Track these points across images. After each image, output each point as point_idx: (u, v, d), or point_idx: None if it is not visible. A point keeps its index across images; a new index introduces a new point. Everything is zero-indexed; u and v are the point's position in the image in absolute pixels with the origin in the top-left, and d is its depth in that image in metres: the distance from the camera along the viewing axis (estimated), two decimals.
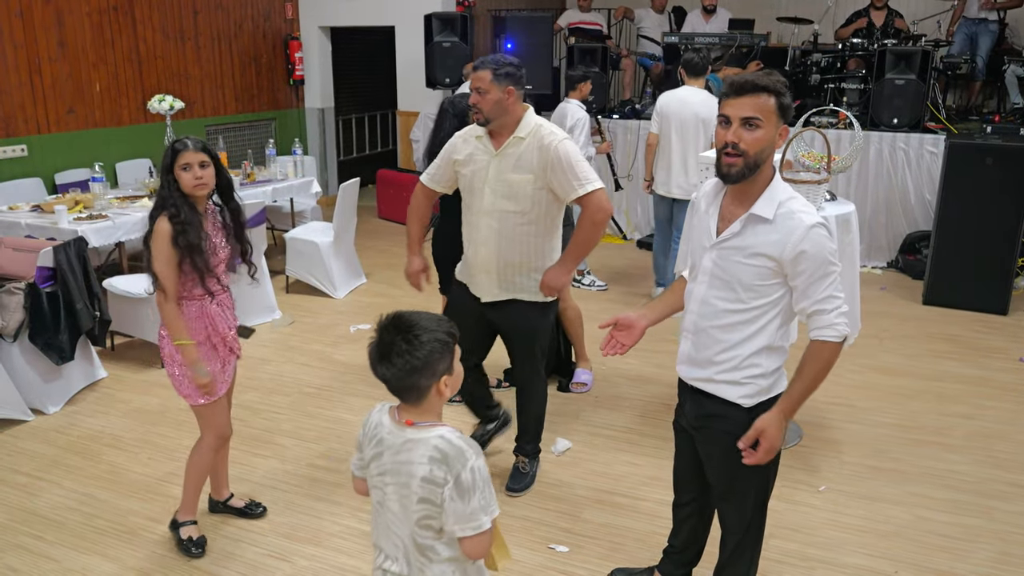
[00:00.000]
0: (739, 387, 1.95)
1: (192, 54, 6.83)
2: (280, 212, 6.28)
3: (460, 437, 1.53)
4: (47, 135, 5.65)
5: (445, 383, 1.52)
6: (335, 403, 3.83)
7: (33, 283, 3.58)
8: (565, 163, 2.65)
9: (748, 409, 1.96)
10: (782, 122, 1.83)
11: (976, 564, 2.65)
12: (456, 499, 1.48)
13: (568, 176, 2.66)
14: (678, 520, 2.36)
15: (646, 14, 8.07)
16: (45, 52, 5.58)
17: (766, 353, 1.94)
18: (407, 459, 1.52)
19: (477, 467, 1.49)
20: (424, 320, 1.51)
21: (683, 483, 2.29)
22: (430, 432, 1.51)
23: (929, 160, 5.95)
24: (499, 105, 2.65)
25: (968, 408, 3.82)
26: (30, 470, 3.23)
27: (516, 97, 2.67)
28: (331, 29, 8.12)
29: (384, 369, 1.49)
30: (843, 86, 6.64)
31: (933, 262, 5.30)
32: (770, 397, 1.97)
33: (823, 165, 3.28)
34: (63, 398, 3.81)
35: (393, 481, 1.54)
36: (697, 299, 1.98)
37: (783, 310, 1.92)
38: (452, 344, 1.53)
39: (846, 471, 3.24)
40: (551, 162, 2.66)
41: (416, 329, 1.49)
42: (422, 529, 1.53)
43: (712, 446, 2.07)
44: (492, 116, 2.66)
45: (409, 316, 1.52)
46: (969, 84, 7.64)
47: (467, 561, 1.58)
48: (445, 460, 1.48)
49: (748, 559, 2.16)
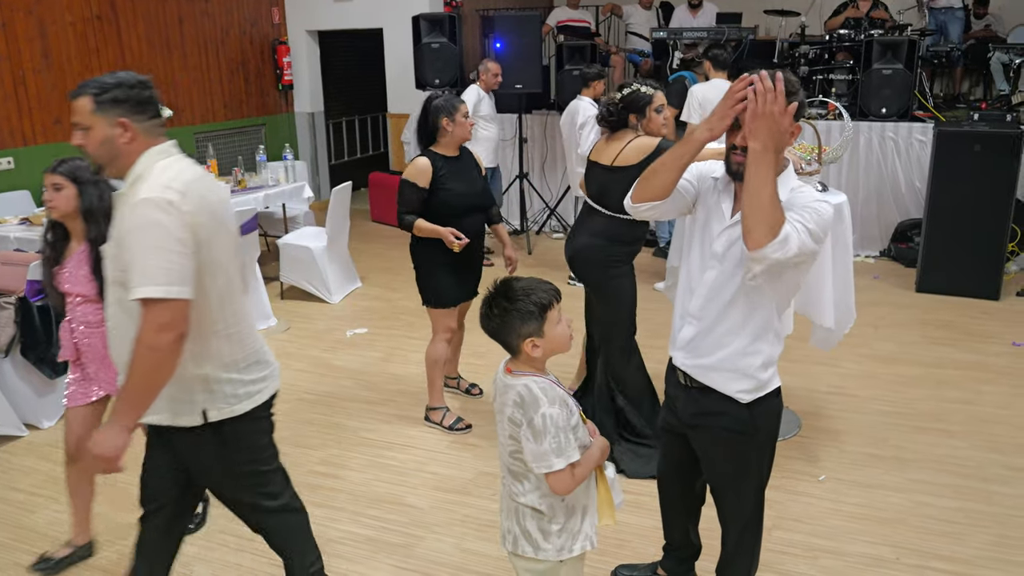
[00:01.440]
0: (739, 379, 1.94)
1: (179, 62, 6.79)
2: (272, 218, 6.26)
3: (542, 388, 1.74)
4: (34, 147, 5.61)
5: (534, 343, 1.74)
6: (334, 409, 3.82)
7: (24, 297, 3.55)
8: (133, 238, 1.70)
9: (747, 405, 1.95)
10: (793, 121, 1.79)
11: (976, 548, 2.66)
12: (531, 439, 1.72)
13: (131, 259, 1.70)
14: (668, 519, 2.37)
15: (634, 10, 8.08)
16: (29, 63, 5.54)
17: (771, 339, 1.93)
18: (502, 400, 1.80)
19: (549, 415, 1.71)
20: (520, 288, 1.75)
21: (671, 483, 2.29)
22: (519, 380, 1.76)
23: (918, 148, 5.97)
24: (108, 145, 1.80)
25: (965, 393, 3.84)
26: (26, 486, 3.20)
27: (137, 132, 1.82)
28: (319, 33, 8.09)
29: (483, 325, 1.80)
30: (831, 77, 6.66)
31: (925, 249, 5.32)
32: (766, 393, 1.96)
33: (814, 156, 3.29)
34: (57, 412, 3.78)
35: (498, 418, 1.84)
36: (707, 283, 1.96)
37: (785, 294, 1.94)
38: (539, 312, 1.73)
39: (846, 460, 3.25)
40: (122, 233, 1.75)
41: (510, 294, 1.74)
42: (513, 460, 1.81)
43: (711, 445, 2.06)
44: (102, 161, 1.83)
45: (510, 283, 1.77)
46: (953, 72, 7.70)
47: (554, 496, 1.80)
48: (522, 404, 1.73)
49: (750, 552, 2.16)
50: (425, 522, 2.89)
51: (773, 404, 1.99)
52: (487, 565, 2.63)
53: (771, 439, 2.04)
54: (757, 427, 1.97)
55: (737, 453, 1.99)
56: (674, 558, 2.41)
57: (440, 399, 3.60)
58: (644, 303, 3.07)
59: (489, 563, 2.64)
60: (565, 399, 1.79)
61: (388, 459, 3.35)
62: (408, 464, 3.31)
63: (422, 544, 2.76)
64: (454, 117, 3.30)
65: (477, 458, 3.34)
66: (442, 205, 3.32)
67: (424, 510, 2.97)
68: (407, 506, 3.00)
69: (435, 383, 3.57)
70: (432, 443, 3.48)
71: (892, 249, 6.14)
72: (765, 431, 2.00)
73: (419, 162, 3.33)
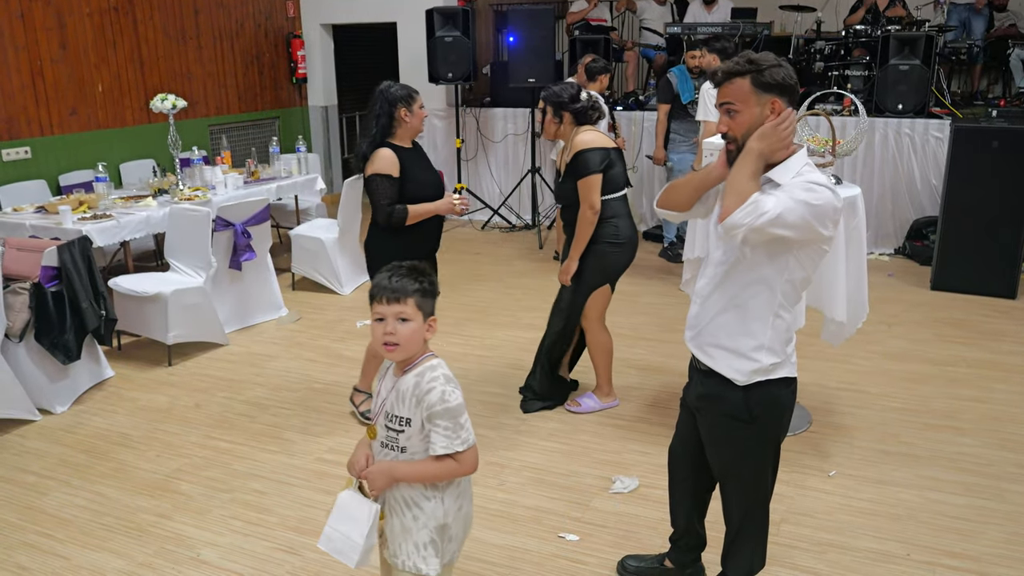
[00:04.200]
0: (734, 358, 1.94)
1: (194, 54, 6.83)
2: (285, 210, 6.29)
3: None
4: (50, 137, 5.66)
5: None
6: (343, 398, 3.83)
7: (38, 283, 3.58)
8: None
9: (744, 388, 1.95)
10: (769, 95, 1.84)
11: (987, 545, 2.63)
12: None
13: None
14: (674, 500, 2.37)
15: (648, 5, 8.04)
16: (47, 54, 5.59)
17: (771, 323, 1.91)
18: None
19: None
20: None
21: (678, 459, 2.30)
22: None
23: (935, 145, 5.91)
24: None
25: (978, 391, 3.79)
26: (38, 469, 3.24)
27: None
28: (333, 26, 8.11)
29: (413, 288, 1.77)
30: (847, 73, 6.60)
31: (940, 247, 5.26)
32: (769, 379, 1.94)
33: (828, 149, 3.26)
34: (70, 398, 3.82)
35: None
36: (712, 262, 2.01)
37: (791, 281, 1.90)
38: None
39: (856, 456, 3.22)
40: None
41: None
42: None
43: (711, 428, 2.07)
44: None
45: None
46: (971, 69, 7.62)
47: None
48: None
49: (752, 545, 2.15)
50: None
51: (776, 394, 1.96)
52: (493, 554, 2.63)
53: (774, 430, 2.01)
54: (754, 415, 1.95)
55: (735, 439, 1.99)
56: (680, 548, 2.40)
57: (368, 385, 3.57)
58: (655, 297, 3.08)
59: (495, 552, 2.64)
60: None
61: None
62: None
63: None
64: (412, 108, 3.19)
65: (483, 447, 3.33)
66: (408, 196, 3.20)
67: None
68: None
69: (368, 371, 3.57)
70: None
71: (907, 247, 6.08)
72: (765, 421, 1.97)
73: (384, 153, 3.15)
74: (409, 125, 3.22)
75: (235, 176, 5.37)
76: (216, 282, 4.52)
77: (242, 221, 4.55)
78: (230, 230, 4.51)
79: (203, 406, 3.80)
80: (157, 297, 4.15)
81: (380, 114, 3.18)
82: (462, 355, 4.34)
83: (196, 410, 3.77)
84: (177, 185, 5.12)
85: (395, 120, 3.19)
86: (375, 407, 1.84)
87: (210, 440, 3.47)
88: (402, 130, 3.22)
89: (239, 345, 4.54)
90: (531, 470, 3.16)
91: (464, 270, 5.97)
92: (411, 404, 1.74)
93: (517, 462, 3.22)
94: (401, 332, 1.71)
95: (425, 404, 1.71)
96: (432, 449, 1.73)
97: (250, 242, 4.60)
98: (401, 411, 1.76)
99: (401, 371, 1.78)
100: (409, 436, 1.76)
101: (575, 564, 2.57)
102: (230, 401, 3.83)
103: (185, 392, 3.96)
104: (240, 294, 4.75)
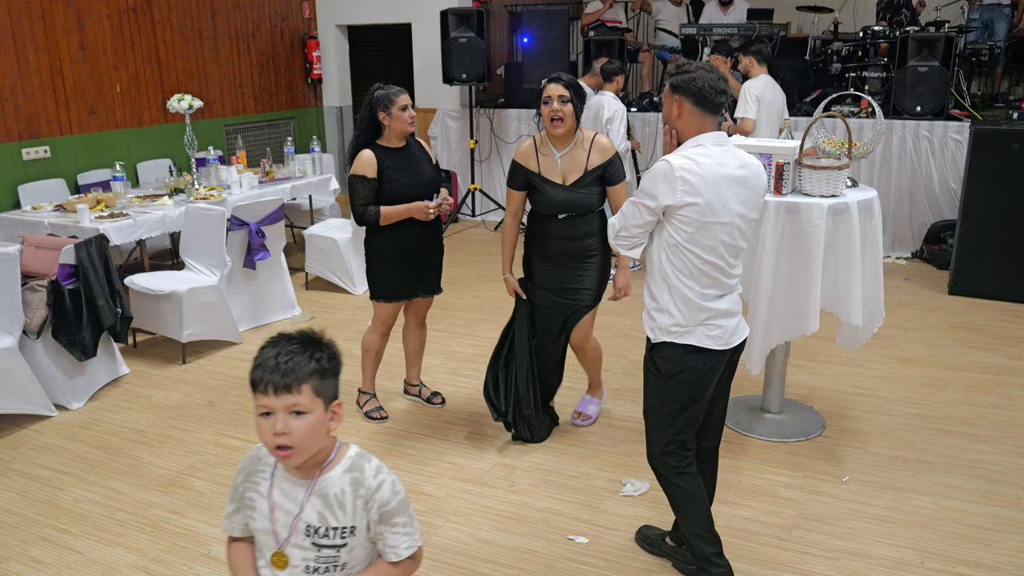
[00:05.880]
0: (647, 318, 2.29)
1: (211, 54, 6.88)
2: (299, 209, 6.32)
3: None
4: (69, 136, 5.73)
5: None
6: (354, 398, 3.83)
7: (56, 280, 3.62)
8: None
9: (652, 346, 2.28)
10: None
11: (1004, 554, 2.59)
12: None
13: None
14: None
15: (663, 6, 8.01)
16: (67, 54, 5.65)
17: (666, 289, 2.20)
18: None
19: None
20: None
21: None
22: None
23: (953, 148, 5.83)
24: None
25: (996, 398, 3.74)
26: (54, 464, 3.27)
27: None
28: (348, 27, 8.15)
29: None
30: (865, 74, 6.53)
31: (958, 251, 5.20)
32: (670, 342, 2.21)
33: (844, 151, 3.22)
34: (86, 394, 3.86)
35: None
36: None
37: (676, 246, 2.16)
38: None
39: (871, 461, 3.19)
40: None
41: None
42: None
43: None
44: None
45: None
46: (992, 71, 7.53)
47: None
48: None
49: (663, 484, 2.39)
50: (441, 511, 2.90)
51: (678, 356, 2.21)
52: (502, 555, 2.63)
53: (677, 388, 2.22)
54: (658, 369, 2.25)
55: (647, 387, 2.31)
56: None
57: (370, 385, 3.66)
58: None
59: (504, 553, 2.64)
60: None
61: (406, 448, 3.37)
62: (425, 453, 3.32)
63: (438, 532, 2.77)
64: (390, 111, 3.26)
65: (494, 449, 3.33)
66: (390, 197, 3.29)
67: (440, 499, 2.98)
68: (424, 495, 3.00)
69: (366, 369, 3.64)
70: (450, 433, 3.48)
71: (925, 251, 6.01)
72: (668, 376, 2.23)
73: (363, 155, 3.30)
74: (390, 127, 3.30)
75: (250, 176, 5.40)
76: (230, 281, 4.56)
77: (257, 221, 4.58)
78: (245, 229, 4.55)
79: (216, 404, 3.83)
80: (172, 295, 4.19)
81: (363, 117, 3.33)
82: (473, 356, 4.34)
83: (209, 408, 3.79)
84: (193, 184, 5.16)
85: (377, 123, 3.31)
86: (272, 524, 1.43)
87: (223, 437, 3.49)
88: (386, 132, 3.33)
89: (253, 344, 4.57)
90: (541, 471, 3.16)
91: (476, 271, 5.97)
92: (354, 508, 1.40)
93: (527, 463, 3.21)
94: (297, 430, 1.31)
95: (377, 504, 1.39)
96: (393, 553, 1.42)
97: (264, 241, 4.63)
98: (338, 520, 1.40)
99: (309, 473, 1.40)
100: (352, 548, 1.41)
101: (584, 567, 2.56)
102: (243, 399, 3.85)
103: (199, 390, 3.99)
104: (254, 293, 4.78)
